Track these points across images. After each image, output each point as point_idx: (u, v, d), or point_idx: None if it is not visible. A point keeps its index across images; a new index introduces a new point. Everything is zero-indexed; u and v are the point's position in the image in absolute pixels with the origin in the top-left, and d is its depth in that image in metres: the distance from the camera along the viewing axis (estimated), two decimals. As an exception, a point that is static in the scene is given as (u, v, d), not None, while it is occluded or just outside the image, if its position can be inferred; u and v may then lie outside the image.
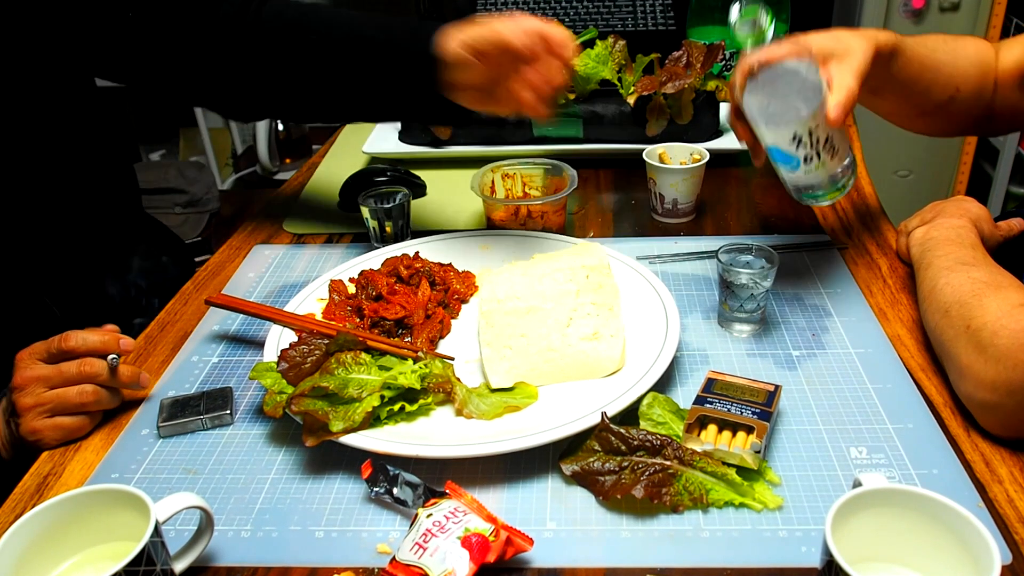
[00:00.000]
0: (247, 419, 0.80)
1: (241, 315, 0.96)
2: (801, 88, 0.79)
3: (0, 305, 0.92)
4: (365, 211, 1.05)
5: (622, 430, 0.69)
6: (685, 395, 0.79)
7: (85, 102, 1.03)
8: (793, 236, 1.06)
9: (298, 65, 0.95)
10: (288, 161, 3.17)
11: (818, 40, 0.83)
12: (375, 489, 0.68)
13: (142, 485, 0.72)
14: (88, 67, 1.00)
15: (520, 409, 0.76)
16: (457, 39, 0.88)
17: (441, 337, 0.88)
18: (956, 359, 0.73)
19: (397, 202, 1.06)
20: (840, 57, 0.81)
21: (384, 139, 1.36)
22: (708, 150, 1.11)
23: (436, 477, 0.68)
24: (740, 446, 0.68)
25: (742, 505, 0.66)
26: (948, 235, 0.87)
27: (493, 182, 1.13)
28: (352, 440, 0.70)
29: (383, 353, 0.80)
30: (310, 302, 0.92)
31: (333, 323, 0.86)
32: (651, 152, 1.11)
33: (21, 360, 0.77)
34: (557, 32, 0.88)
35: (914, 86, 0.92)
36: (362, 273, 0.94)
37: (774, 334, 0.88)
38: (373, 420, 0.73)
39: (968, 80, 0.95)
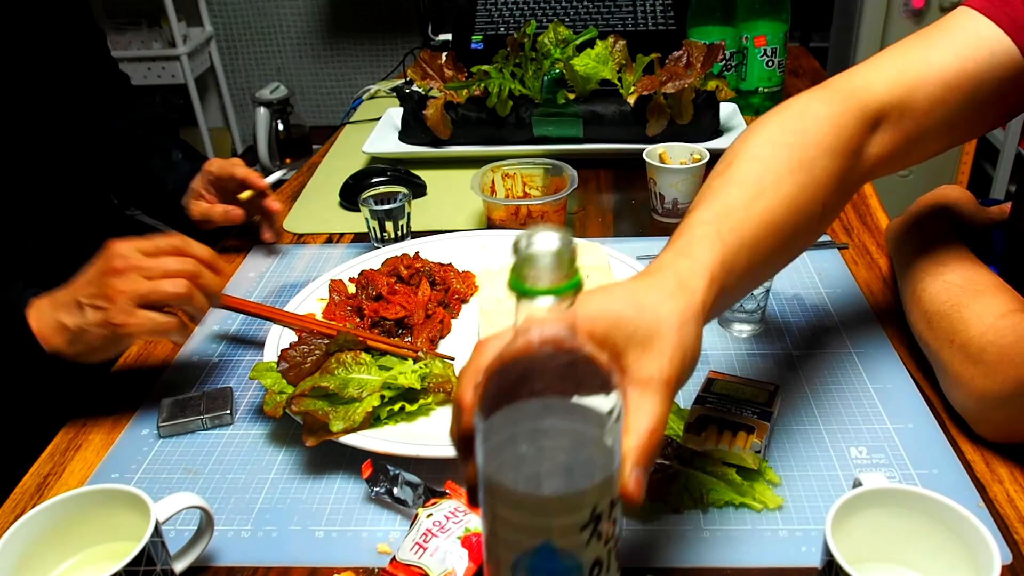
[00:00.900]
0: (247, 419, 0.80)
1: (241, 315, 0.96)
2: (585, 421, 0.43)
3: None
4: (365, 211, 1.05)
5: (622, 430, 0.69)
6: (685, 395, 0.79)
7: (86, 102, 1.04)
8: (793, 236, 1.06)
9: None
10: (288, 161, 3.17)
11: (602, 309, 0.48)
12: (375, 489, 0.68)
13: (142, 485, 0.72)
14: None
15: (520, 409, 0.75)
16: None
17: (441, 337, 0.88)
18: (945, 369, 0.73)
19: (397, 202, 1.06)
20: (640, 350, 0.48)
21: (384, 139, 1.36)
22: (708, 150, 1.11)
23: (436, 477, 0.68)
24: (740, 446, 0.67)
25: (742, 505, 0.66)
26: (920, 225, 0.86)
27: (493, 182, 1.13)
28: (352, 440, 0.70)
29: (383, 353, 0.80)
30: (310, 302, 0.92)
31: (334, 323, 0.86)
32: (651, 152, 1.11)
33: (119, 254, 0.75)
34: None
35: (771, 257, 0.62)
36: (362, 273, 0.94)
37: (774, 334, 0.87)
38: (373, 420, 0.73)
39: (831, 181, 0.64)
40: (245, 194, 1.07)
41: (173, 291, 0.75)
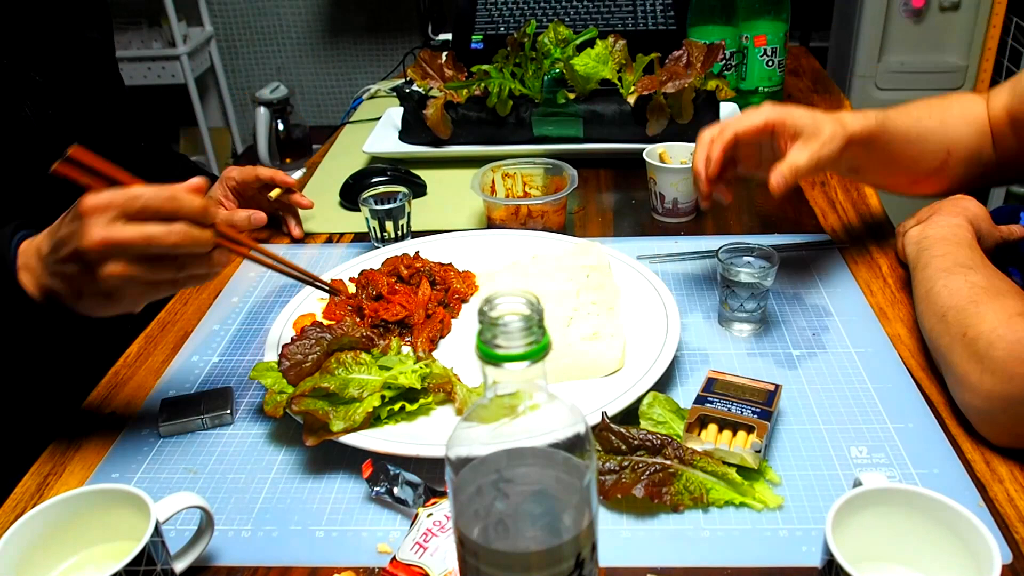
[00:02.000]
0: (247, 419, 0.80)
1: (241, 314, 0.96)
2: None
3: None
4: (365, 211, 1.05)
5: (622, 429, 0.69)
6: (685, 395, 0.79)
7: (104, 102, 1.05)
8: (793, 236, 1.06)
9: None
10: (288, 161, 3.17)
11: (796, 114, 0.84)
12: (376, 489, 0.68)
13: (142, 485, 0.72)
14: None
15: (520, 409, 0.75)
16: None
17: (441, 337, 0.88)
18: (953, 366, 0.73)
19: (397, 202, 1.06)
20: (808, 137, 0.83)
21: (384, 139, 1.36)
22: (708, 150, 1.11)
23: (437, 476, 0.68)
24: (740, 445, 0.68)
25: (742, 504, 0.66)
26: (944, 234, 0.86)
27: (493, 182, 1.13)
28: (352, 440, 0.70)
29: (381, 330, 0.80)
30: (310, 302, 0.92)
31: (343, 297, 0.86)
32: (651, 151, 1.11)
33: (91, 214, 0.63)
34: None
35: (900, 160, 0.93)
36: (362, 273, 0.94)
37: (774, 334, 0.87)
38: (373, 420, 0.73)
39: (960, 141, 0.94)
40: (275, 192, 1.08)
41: (168, 241, 0.64)
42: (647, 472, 0.67)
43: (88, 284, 0.67)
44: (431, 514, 0.62)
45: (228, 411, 0.79)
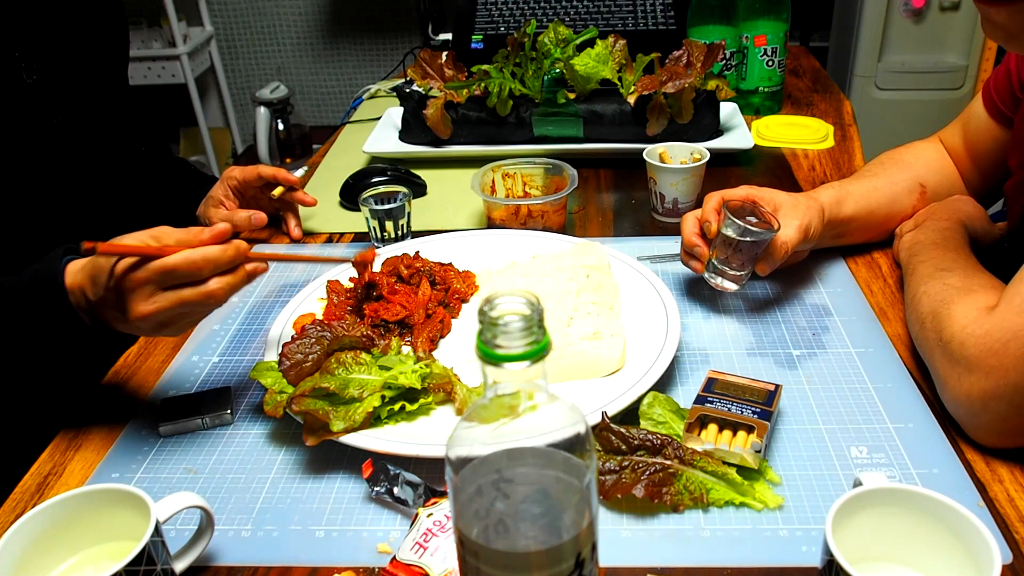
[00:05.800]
0: (247, 419, 0.80)
1: (241, 314, 0.96)
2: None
3: None
4: (365, 211, 1.05)
5: (622, 429, 0.69)
6: (685, 394, 0.79)
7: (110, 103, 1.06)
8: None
9: None
10: (288, 161, 3.17)
11: (773, 192, 0.90)
12: (376, 489, 0.68)
13: (142, 485, 0.72)
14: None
15: (520, 409, 0.75)
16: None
17: (442, 336, 0.88)
18: (935, 371, 0.73)
19: (397, 202, 1.06)
20: (789, 209, 0.89)
21: (384, 139, 1.36)
22: (708, 149, 1.11)
23: (437, 476, 0.68)
24: (740, 445, 0.67)
25: (742, 504, 0.66)
26: (933, 239, 0.86)
27: (493, 181, 1.13)
28: (352, 440, 0.70)
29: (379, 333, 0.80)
30: (310, 302, 0.92)
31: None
32: (651, 151, 1.11)
33: (131, 291, 0.70)
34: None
35: (876, 211, 0.97)
36: (362, 273, 0.94)
37: (774, 334, 0.87)
38: (374, 420, 0.73)
39: (928, 178, 0.99)
40: (277, 190, 1.07)
41: (205, 301, 0.71)
42: (647, 472, 0.67)
43: (141, 333, 0.77)
44: (431, 514, 0.62)
45: (228, 411, 0.79)
